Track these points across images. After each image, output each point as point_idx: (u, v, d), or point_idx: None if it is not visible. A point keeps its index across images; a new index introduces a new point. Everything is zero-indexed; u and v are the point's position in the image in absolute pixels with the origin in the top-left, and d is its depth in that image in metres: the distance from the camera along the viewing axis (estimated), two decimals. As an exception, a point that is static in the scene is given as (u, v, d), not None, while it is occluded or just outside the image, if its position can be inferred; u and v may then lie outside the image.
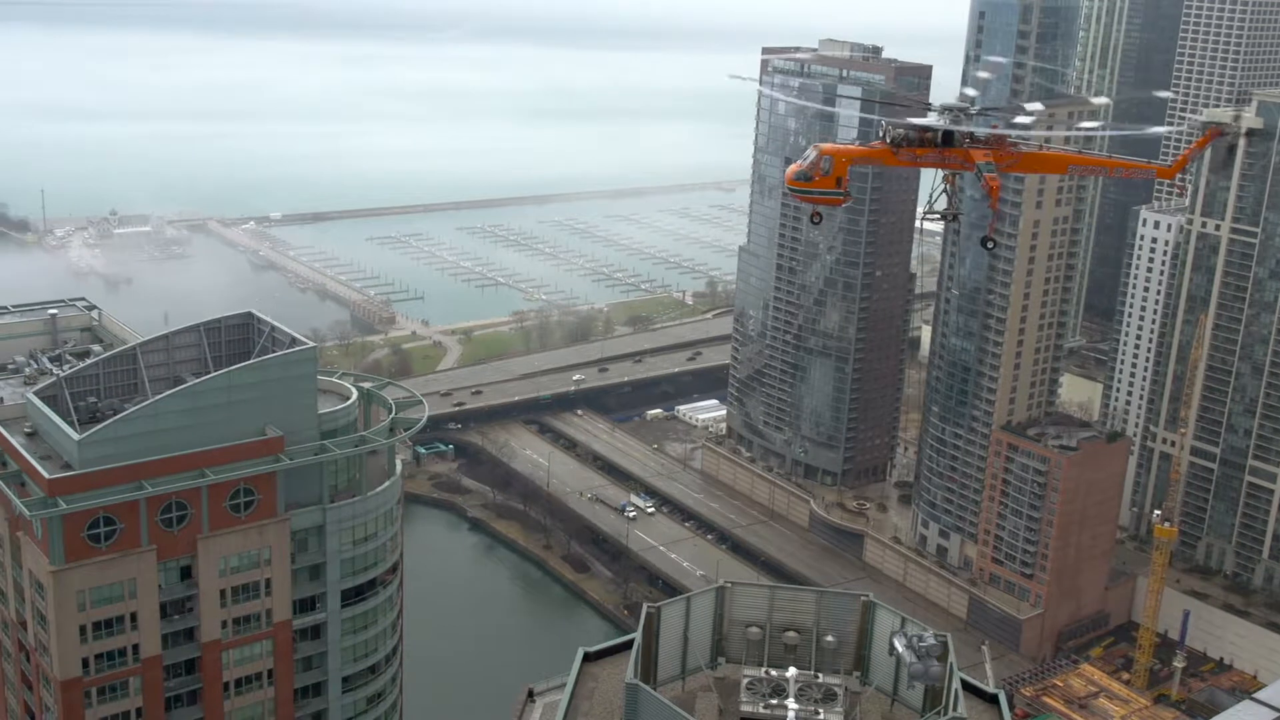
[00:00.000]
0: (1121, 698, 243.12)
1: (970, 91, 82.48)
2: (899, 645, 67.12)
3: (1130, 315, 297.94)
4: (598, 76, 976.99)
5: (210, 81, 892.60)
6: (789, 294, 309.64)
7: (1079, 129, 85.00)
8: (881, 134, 78.81)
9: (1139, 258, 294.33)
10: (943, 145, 77.13)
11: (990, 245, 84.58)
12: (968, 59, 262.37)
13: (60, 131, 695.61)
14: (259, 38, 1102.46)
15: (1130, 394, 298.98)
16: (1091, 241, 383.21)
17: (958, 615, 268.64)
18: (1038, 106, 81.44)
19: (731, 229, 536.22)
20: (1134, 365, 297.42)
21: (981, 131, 77.15)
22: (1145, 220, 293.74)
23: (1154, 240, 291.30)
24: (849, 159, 77.55)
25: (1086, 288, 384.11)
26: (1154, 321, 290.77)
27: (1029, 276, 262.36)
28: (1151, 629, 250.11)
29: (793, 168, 78.36)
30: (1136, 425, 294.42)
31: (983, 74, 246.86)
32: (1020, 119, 79.40)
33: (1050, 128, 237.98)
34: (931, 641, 66.84)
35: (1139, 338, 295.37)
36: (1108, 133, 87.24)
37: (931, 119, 77.74)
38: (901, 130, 77.46)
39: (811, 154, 77.70)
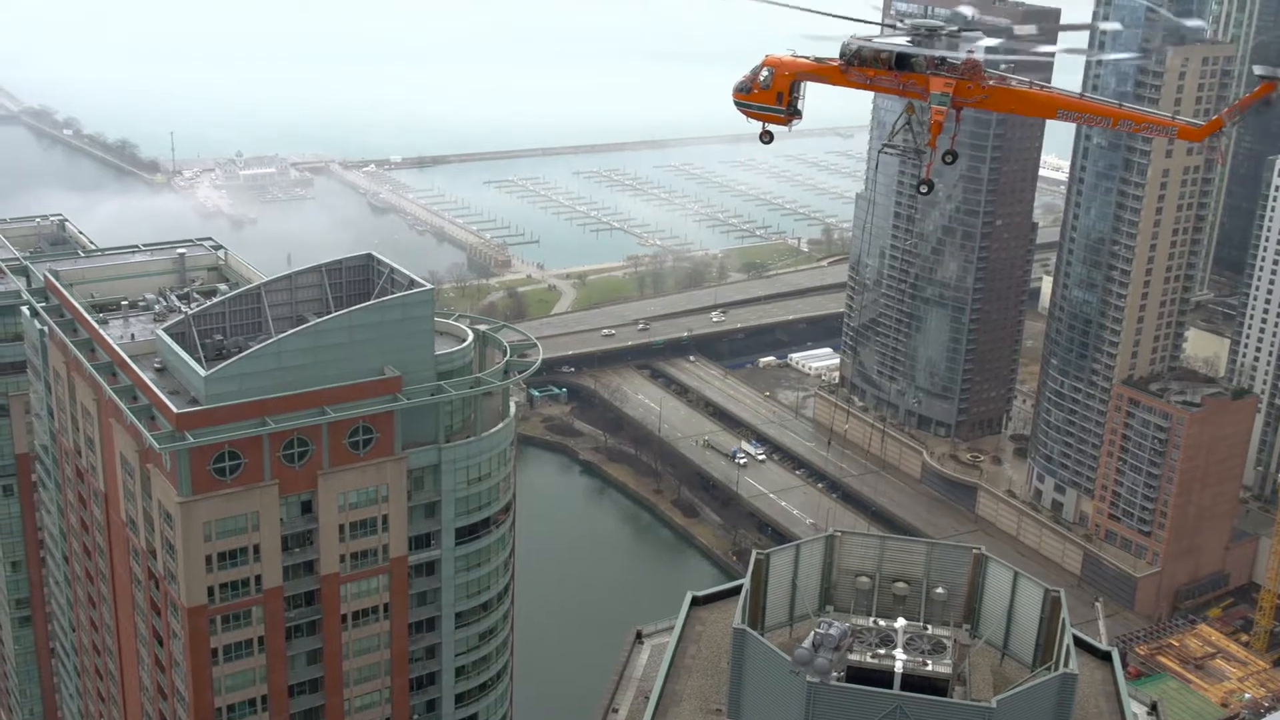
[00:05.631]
0: (1239, 659, 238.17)
1: (966, 10, 69.97)
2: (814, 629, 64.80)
3: (1262, 269, 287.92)
4: (714, 18, 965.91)
5: (330, 28, 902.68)
6: (906, 242, 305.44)
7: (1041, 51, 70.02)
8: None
9: (1273, 209, 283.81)
10: (898, 68, 68.11)
11: (925, 190, 75.21)
12: (1098, 0, 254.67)
13: (189, 74, 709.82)
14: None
15: (1259, 350, 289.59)
16: (1223, 192, 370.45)
17: (1071, 571, 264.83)
18: (1030, 29, 71.14)
19: (849, 175, 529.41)
20: (1264, 320, 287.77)
21: (956, 55, 66.19)
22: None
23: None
24: (791, 73, 70.85)
25: (1217, 239, 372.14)
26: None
27: (1156, 227, 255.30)
28: (1273, 591, 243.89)
29: (739, 79, 72.72)
30: (1265, 382, 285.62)
31: (1108, 26, 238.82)
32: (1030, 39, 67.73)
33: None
34: (833, 632, 63.69)
35: (1270, 292, 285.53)
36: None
37: (898, 40, 68.28)
38: (855, 46, 69.04)
39: (759, 65, 72.05)
